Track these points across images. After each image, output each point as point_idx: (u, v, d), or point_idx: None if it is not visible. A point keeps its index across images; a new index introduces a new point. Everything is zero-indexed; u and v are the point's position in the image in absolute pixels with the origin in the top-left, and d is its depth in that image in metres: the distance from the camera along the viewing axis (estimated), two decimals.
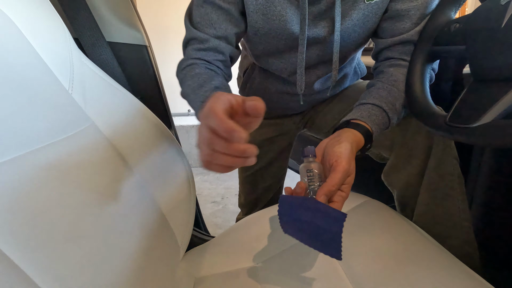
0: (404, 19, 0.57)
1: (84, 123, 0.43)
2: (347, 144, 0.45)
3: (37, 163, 0.33)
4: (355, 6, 0.57)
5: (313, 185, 0.43)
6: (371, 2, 0.56)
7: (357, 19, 0.58)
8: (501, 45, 0.38)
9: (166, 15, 2.14)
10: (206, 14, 0.56)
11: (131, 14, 0.69)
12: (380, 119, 0.53)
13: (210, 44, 0.58)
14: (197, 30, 0.58)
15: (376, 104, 0.55)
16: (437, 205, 0.58)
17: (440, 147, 0.56)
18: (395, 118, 0.55)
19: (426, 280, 0.41)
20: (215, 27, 0.57)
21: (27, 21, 0.38)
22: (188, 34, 0.60)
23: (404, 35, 0.58)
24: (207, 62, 0.60)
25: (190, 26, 0.59)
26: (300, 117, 0.88)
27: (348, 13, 0.57)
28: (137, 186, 0.49)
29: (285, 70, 0.69)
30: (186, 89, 0.57)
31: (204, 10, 0.56)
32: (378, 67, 0.64)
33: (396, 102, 0.55)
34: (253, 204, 1.04)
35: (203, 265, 0.57)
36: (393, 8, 0.57)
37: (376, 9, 0.57)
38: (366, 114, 0.53)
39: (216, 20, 0.57)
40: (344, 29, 0.59)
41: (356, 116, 0.53)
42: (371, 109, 0.54)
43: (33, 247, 0.29)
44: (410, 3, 0.56)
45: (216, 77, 0.56)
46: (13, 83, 0.33)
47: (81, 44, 0.61)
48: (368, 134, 0.51)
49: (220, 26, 0.57)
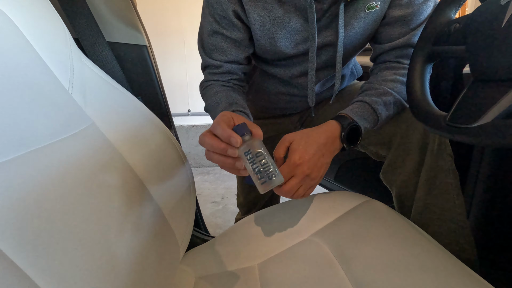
0: (401, 25, 0.60)
1: (84, 123, 0.43)
2: (312, 132, 0.53)
3: (37, 163, 0.33)
4: (356, 15, 0.59)
5: (258, 165, 0.43)
6: (370, 11, 0.59)
7: (358, 27, 0.61)
8: (501, 45, 0.38)
9: (166, 15, 2.14)
10: (217, 43, 0.63)
11: (131, 14, 0.69)
12: (362, 110, 0.57)
13: (223, 69, 0.66)
14: (211, 59, 0.65)
15: (358, 100, 0.59)
16: (433, 201, 0.59)
17: (435, 144, 0.57)
18: (382, 110, 0.57)
19: (425, 279, 0.41)
20: (226, 54, 0.64)
21: (27, 21, 0.38)
22: (204, 62, 0.68)
23: (400, 39, 0.61)
24: (223, 81, 0.68)
25: (204, 54, 0.66)
26: (298, 117, 0.89)
27: (350, 22, 0.60)
28: (137, 186, 0.49)
29: (288, 73, 0.70)
30: (207, 106, 0.66)
31: (215, 40, 0.63)
32: (374, 69, 0.67)
33: (382, 97, 0.58)
34: (252, 204, 1.04)
35: (203, 265, 0.57)
36: (390, 15, 0.60)
37: (375, 17, 0.60)
38: (348, 109, 0.58)
39: (227, 48, 0.63)
40: (346, 37, 0.62)
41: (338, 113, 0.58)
42: (353, 105, 0.58)
43: (33, 247, 0.29)
44: (406, 10, 0.58)
45: (232, 93, 0.64)
46: (13, 83, 0.33)
47: (81, 44, 0.61)
48: (348, 122, 0.54)
49: (231, 53, 0.64)
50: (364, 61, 0.94)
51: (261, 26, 0.59)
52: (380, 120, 0.58)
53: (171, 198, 0.58)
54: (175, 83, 2.26)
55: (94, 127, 0.45)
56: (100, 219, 0.38)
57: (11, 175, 0.29)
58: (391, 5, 0.59)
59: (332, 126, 0.54)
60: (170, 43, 2.13)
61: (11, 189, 0.29)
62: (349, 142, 0.55)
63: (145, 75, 0.73)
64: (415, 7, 0.58)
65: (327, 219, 0.59)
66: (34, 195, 0.31)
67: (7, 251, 0.26)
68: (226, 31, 0.61)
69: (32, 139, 0.33)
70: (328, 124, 0.55)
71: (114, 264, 0.38)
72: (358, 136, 0.56)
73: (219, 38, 0.62)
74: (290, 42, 0.62)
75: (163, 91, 0.77)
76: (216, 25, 0.60)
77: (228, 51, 0.63)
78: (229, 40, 0.62)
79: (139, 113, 0.59)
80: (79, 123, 0.42)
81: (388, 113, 0.59)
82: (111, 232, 0.39)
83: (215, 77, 0.67)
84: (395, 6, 0.59)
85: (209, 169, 2.14)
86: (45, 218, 0.31)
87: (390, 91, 0.59)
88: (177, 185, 0.61)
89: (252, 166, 0.43)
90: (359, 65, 0.88)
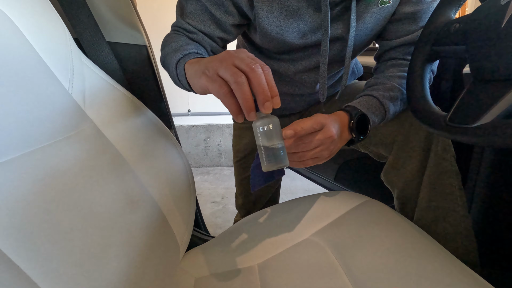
0: (410, 22, 0.60)
1: (84, 123, 0.43)
2: (329, 116, 0.51)
3: (37, 163, 0.33)
4: (369, 9, 0.58)
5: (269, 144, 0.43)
6: (383, 6, 0.58)
7: (369, 22, 0.60)
8: (501, 45, 0.38)
9: (166, 15, 2.14)
10: (199, 11, 0.58)
11: (131, 14, 0.69)
12: (370, 103, 0.56)
13: (194, 37, 0.59)
14: (186, 23, 0.59)
15: (365, 94, 0.58)
16: (437, 202, 0.58)
17: (439, 146, 0.57)
18: (389, 104, 0.57)
19: (425, 280, 0.41)
20: (204, 25, 0.58)
21: (27, 21, 0.38)
22: (176, 23, 0.61)
23: (409, 36, 0.61)
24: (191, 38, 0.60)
25: (179, 16, 0.60)
26: (298, 117, 0.88)
27: (362, 16, 0.59)
28: (137, 186, 0.49)
29: (292, 68, 0.68)
30: (167, 50, 0.57)
31: (199, 8, 0.58)
32: (379, 67, 0.66)
33: (389, 92, 0.58)
34: (251, 206, 1.03)
35: (203, 265, 0.57)
36: (400, 11, 0.59)
37: (386, 12, 0.59)
38: (356, 102, 0.57)
39: (207, 20, 0.58)
40: (357, 31, 0.61)
41: (345, 105, 0.57)
42: (360, 98, 0.58)
43: (33, 247, 0.29)
44: (416, 7, 0.58)
45: (200, 47, 0.57)
46: (13, 83, 0.33)
47: (81, 44, 0.61)
48: (356, 112, 0.54)
49: (210, 27, 0.59)
50: (364, 60, 0.94)
51: (269, 13, 0.57)
52: (388, 115, 0.57)
53: (171, 198, 0.58)
54: None
55: (94, 127, 0.45)
56: (100, 219, 0.38)
57: (11, 175, 0.29)
58: (402, 2, 0.59)
59: (340, 115, 0.54)
60: None
61: (11, 188, 0.29)
62: (358, 133, 0.55)
63: (145, 75, 0.73)
64: (424, 4, 0.58)
65: (327, 219, 0.59)
66: (34, 195, 0.31)
67: (7, 251, 0.26)
68: (213, 8, 0.57)
69: (32, 139, 0.33)
70: (336, 113, 0.54)
71: (114, 264, 0.38)
72: (366, 128, 0.56)
73: (202, 8, 0.58)
74: (297, 32, 0.60)
75: (163, 91, 0.77)
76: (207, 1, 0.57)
77: (208, 23, 0.59)
78: (212, 16, 0.58)
79: (139, 113, 0.59)
80: (79, 123, 0.42)
81: (395, 109, 0.58)
82: (111, 232, 0.39)
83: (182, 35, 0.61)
84: (405, 2, 0.58)
85: (209, 169, 2.14)
86: (45, 218, 0.31)
87: (398, 86, 0.59)
88: (177, 185, 0.61)
89: (263, 143, 0.43)
90: (360, 64, 0.87)
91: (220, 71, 0.38)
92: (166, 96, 0.79)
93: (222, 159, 2.20)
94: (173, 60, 0.53)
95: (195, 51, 0.54)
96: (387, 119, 0.58)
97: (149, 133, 0.59)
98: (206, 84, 0.40)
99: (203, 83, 0.41)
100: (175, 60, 0.52)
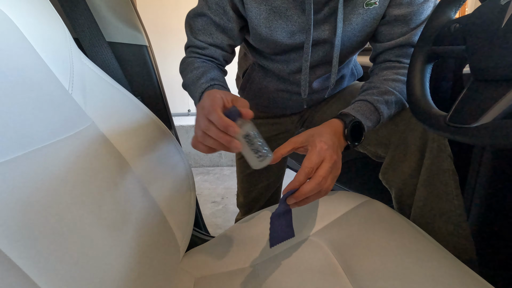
0: (402, 24, 0.60)
1: (84, 123, 0.43)
2: (321, 128, 0.51)
3: (37, 163, 0.33)
4: (354, 11, 0.59)
5: (255, 146, 0.44)
6: (369, 8, 0.59)
7: (356, 23, 0.61)
8: (501, 45, 0.38)
9: (166, 15, 2.14)
10: (205, 25, 0.63)
11: (131, 14, 0.69)
12: (364, 108, 0.56)
13: (207, 52, 0.65)
14: (196, 40, 0.65)
15: (360, 99, 0.58)
16: (433, 201, 0.58)
17: (435, 145, 0.57)
18: (384, 108, 0.57)
19: (425, 279, 0.41)
20: (213, 37, 0.64)
21: (27, 21, 0.38)
22: (189, 42, 0.66)
23: (401, 38, 0.61)
24: (204, 59, 0.66)
25: (190, 34, 0.65)
26: (298, 117, 0.89)
27: (348, 17, 0.60)
28: (137, 186, 0.49)
29: (286, 68, 0.70)
30: (186, 81, 0.64)
31: (204, 22, 0.63)
32: (374, 69, 0.67)
33: (383, 95, 0.58)
34: (252, 204, 1.04)
35: (203, 265, 0.57)
36: (390, 13, 0.60)
37: (374, 14, 0.60)
38: (350, 108, 0.57)
39: (214, 32, 0.63)
40: (344, 33, 0.62)
41: (340, 112, 0.58)
42: (355, 104, 0.58)
43: (33, 247, 0.29)
44: (407, 9, 0.58)
45: (212, 70, 0.63)
46: (13, 83, 0.33)
47: (81, 44, 0.61)
48: (350, 120, 0.54)
49: (217, 37, 0.64)
50: (364, 61, 0.94)
51: (258, 15, 0.59)
52: (382, 119, 0.58)
53: (171, 198, 0.58)
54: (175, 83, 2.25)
55: (94, 127, 0.45)
56: (100, 219, 0.38)
57: (11, 175, 0.29)
58: (391, 4, 0.59)
59: (334, 123, 0.54)
60: (170, 43, 2.12)
61: (11, 188, 0.29)
62: (352, 139, 0.55)
63: (145, 75, 0.73)
64: (415, 6, 0.58)
65: (327, 219, 0.59)
66: (34, 194, 0.31)
67: (7, 251, 0.26)
68: (217, 17, 0.61)
69: (32, 139, 0.33)
70: (331, 122, 0.55)
71: (115, 264, 0.38)
72: (361, 134, 0.56)
73: (208, 21, 0.62)
74: (286, 33, 0.61)
75: (163, 91, 0.77)
76: (207, 9, 0.61)
77: (215, 35, 0.63)
78: (218, 26, 0.62)
79: (139, 113, 0.59)
80: (79, 123, 0.42)
81: (389, 112, 0.59)
82: (111, 232, 0.39)
83: (197, 56, 0.67)
84: (395, 5, 0.59)
85: (209, 169, 2.14)
86: (45, 217, 0.31)
87: (391, 90, 0.59)
88: (177, 185, 0.61)
89: (250, 147, 0.45)
90: (360, 66, 0.88)
91: (196, 132, 0.46)
92: (166, 96, 0.79)
93: (222, 159, 2.20)
94: (198, 92, 0.59)
95: (213, 84, 0.60)
96: (381, 123, 0.59)
97: (149, 133, 0.59)
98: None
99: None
100: (199, 91, 0.59)
